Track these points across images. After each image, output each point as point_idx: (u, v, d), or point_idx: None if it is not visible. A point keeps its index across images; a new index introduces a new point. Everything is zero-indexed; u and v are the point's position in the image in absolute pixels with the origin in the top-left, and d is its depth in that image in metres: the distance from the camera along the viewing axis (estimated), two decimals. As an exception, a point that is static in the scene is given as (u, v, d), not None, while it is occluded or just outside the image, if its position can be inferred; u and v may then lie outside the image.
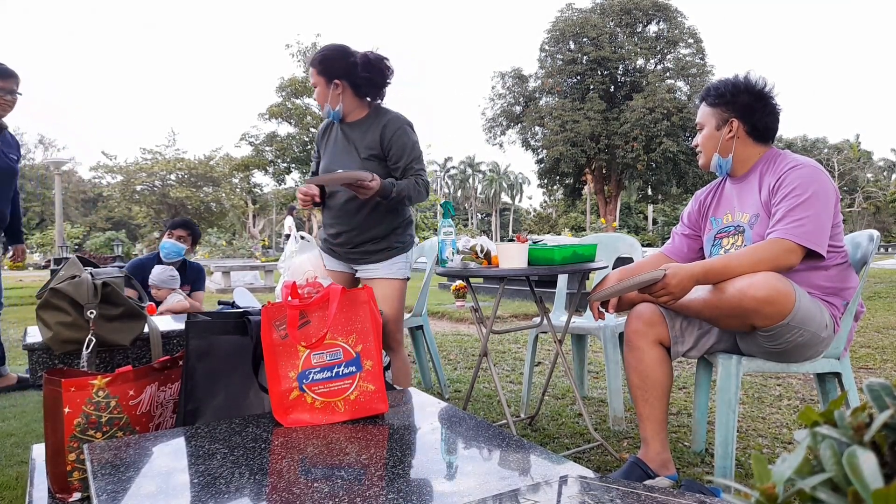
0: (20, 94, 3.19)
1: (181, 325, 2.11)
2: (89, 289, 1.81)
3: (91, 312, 1.79)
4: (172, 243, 3.49)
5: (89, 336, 1.79)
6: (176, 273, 3.45)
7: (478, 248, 2.32)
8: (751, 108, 1.91)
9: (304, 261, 1.64)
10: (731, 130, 1.93)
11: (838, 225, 1.82)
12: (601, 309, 1.94)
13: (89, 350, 1.78)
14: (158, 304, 3.36)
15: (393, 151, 2.33)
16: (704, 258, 2.08)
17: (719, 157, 1.97)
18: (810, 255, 1.74)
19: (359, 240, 2.42)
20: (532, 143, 27.31)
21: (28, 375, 3.29)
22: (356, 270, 2.52)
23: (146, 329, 1.93)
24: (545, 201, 58.45)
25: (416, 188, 2.32)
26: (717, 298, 1.72)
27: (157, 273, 3.38)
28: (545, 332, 2.75)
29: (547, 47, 27.20)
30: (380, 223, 2.40)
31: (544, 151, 26.23)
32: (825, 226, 1.75)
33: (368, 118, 2.39)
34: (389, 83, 2.42)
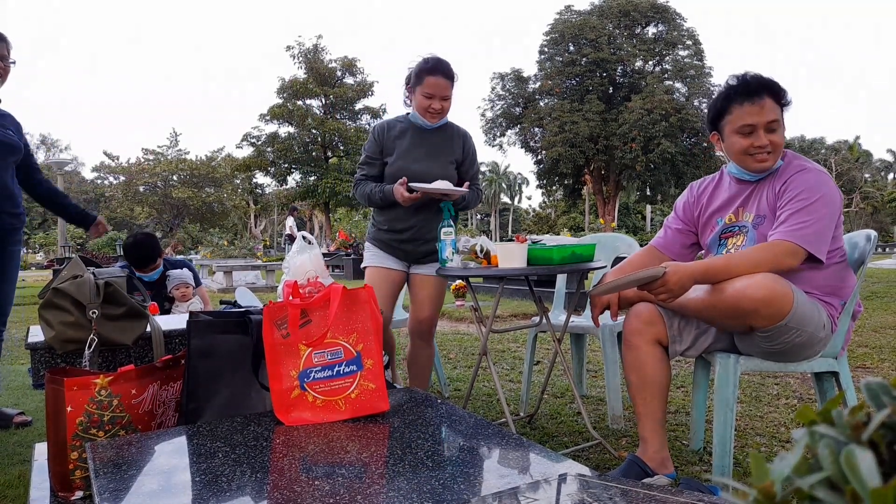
0: (13, 62, 2.69)
1: (183, 325, 2.12)
2: (92, 288, 1.82)
3: (93, 312, 1.80)
4: (145, 276, 3.53)
5: (92, 335, 1.79)
6: (189, 272, 3.67)
7: (477, 248, 2.34)
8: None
9: (306, 260, 1.65)
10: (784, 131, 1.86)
11: (838, 226, 1.82)
12: (602, 313, 1.95)
13: (91, 349, 1.79)
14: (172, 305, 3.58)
15: (468, 161, 2.65)
16: (695, 255, 2.07)
17: (780, 159, 1.89)
18: (809, 258, 1.74)
19: (428, 236, 2.54)
20: (531, 144, 27.30)
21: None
22: (409, 269, 2.64)
23: (148, 328, 1.94)
24: (544, 202, 58.43)
25: (476, 197, 2.63)
26: (716, 298, 1.72)
27: (178, 274, 3.60)
28: (544, 332, 2.76)
29: (546, 49, 27.19)
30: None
31: (543, 152, 26.23)
32: (827, 231, 1.74)
33: (443, 127, 2.60)
34: None
